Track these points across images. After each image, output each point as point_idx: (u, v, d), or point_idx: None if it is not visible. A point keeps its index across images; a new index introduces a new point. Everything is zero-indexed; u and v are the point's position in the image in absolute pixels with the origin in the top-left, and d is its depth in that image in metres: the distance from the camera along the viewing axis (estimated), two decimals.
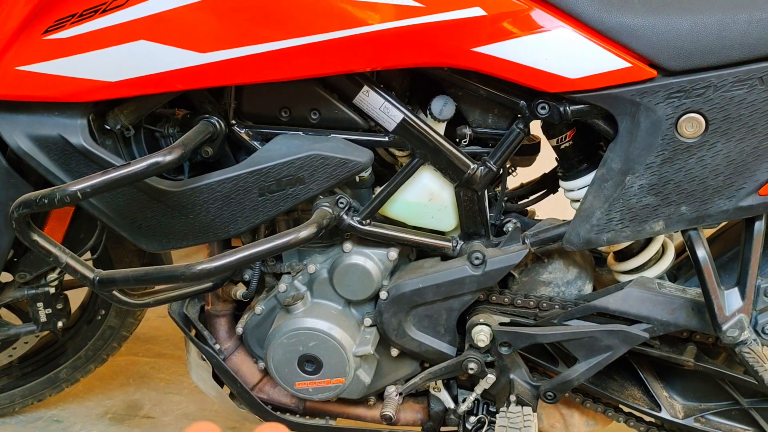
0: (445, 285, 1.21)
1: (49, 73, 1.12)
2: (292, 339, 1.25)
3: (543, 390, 1.25)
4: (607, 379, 1.29)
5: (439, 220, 1.25)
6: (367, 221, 1.23)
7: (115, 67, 1.10)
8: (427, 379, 1.30)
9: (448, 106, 1.18)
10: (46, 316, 1.58)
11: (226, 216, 1.19)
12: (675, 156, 1.07)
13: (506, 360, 1.25)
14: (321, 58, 1.07)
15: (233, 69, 1.08)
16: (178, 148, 1.09)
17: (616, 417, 1.30)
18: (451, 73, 1.14)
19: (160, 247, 1.24)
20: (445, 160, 1.19)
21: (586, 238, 1.15)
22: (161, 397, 1.97)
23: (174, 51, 1.07)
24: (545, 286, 1.26)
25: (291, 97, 1.19)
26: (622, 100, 1.06)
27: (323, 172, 1.16)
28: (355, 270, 1.26)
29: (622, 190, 1.11)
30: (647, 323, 1.17)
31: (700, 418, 1.27)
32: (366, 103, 1.17)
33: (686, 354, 1.22)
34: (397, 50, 1.06)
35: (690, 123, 1.06)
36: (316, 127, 1.20)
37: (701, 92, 1.04)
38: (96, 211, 1.22)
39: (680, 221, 1.11)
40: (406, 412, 1.40)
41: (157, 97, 1.17)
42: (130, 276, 1.13)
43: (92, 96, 1.13)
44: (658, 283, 1.20)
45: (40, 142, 1.17)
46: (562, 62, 1.05)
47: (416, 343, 1.27)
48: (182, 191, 1.18)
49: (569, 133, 1.21)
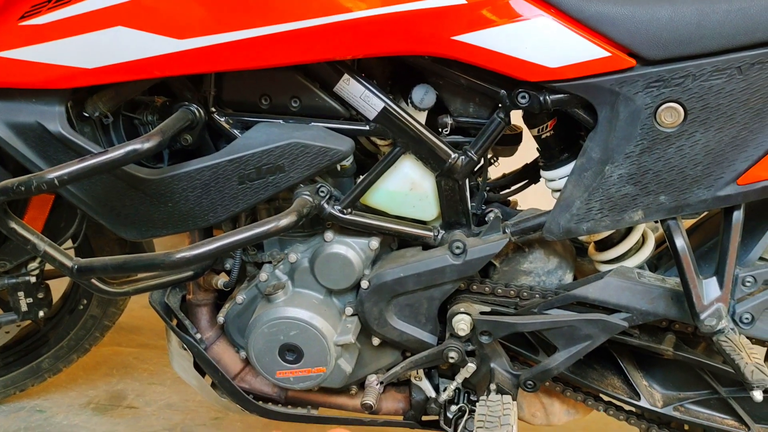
0: (426, 274, 1.21)
1: (26, 59, 1.10)
2: (273, 328, 1.25)
3: (523, 379, 1.25)
4: (587, 368, 1.29)
5: (421, 209, 1.25)
6: (349, 210, 1.23)
7: (92, 53, 1.08)
8: (408, 368, 1.30)
9: (429, 95, 1.17)
10: (27, 305, 1.57)
11: (205, 204, 1.19)
12: (654, 145, 1.08)
13: (486, 349, 1.25)
14: (301, 46, 1.07)
15: (212, 56, 1.07)
16: (156, 136, 1.08)
17: (596, 406, 1.31)
18: (431, 62, 1.14)
19: (140, 235, 1.24)
20: (426, 149, 1.19)
21: (566, 228, 1.15)
22: (144, 388, 1.97)
23: (152, 37, 1.06)
24: (526, 276, 1.26)
25: (271, 85, 1.19)
26: (602, 90, 1.06)
27: (303, 160, 1.16)
28: (337, 259, 1.25)
29: (602, 179, 1.11)
30: (626, 312, 1.17)
31: (679, 407, 1.28)
32: (346, 91, 1.16)
33: (665, 343, 1.22)
34: (378, 38, 1.06)
35: (669, 112, 1.06)
36: (297, 116, 1.19)
37: (680, 82, 1.04)
38: (74, 199, 1.21)
39: (659, 211, 1.12)
40: (388, 402, 1.40)
41: (135, 84, 1.16)
42: (108, 264, 1.12)
43: (70, 83, 1.12)
44: (638, 273, 1.20)
45: (17, 129, 1.16)
46: (541, 51, 1.05)
47: (397, 332, 1.27)
48: (161, 179, 1.17)
49: (550, 123, 1.21)
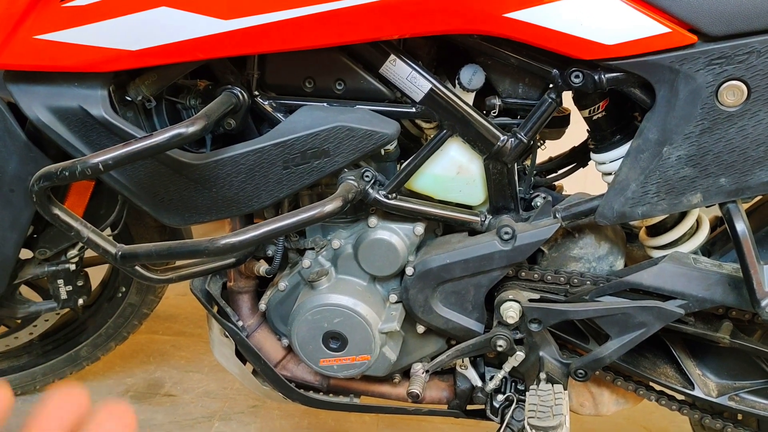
0: (474, 260, 1.18)
1: (68, 41, 1.08)
2: (316, 315, 1.23)
3: (573, 368, 1.22)
4: (638, 357, 1.26)
5: (467, 193, 1.22)
6: (393, 195, 1.20)
7: (135, 35, 1.06)
8: (455, 357, 1.27)
9: (477, 76, 1.14)
10: (67, 293, 1.57)
11: (249, 189, 1.17)
12: (715, 125, 1.03)
13: (536, 337, 1.22)
14: (347, 25, 1.04)
15: (257, 37, 1.04)
16: (201, 120, 1.06)
17: (648, 395, 1.27)
18: (480, 41, 1.10)
19: (183, 221, 1.22)
20: (474, 132, 1.15)
21: (620, 212, 1.11)
22: (182, 376, 1.97)
23: (196, 18, 1.04)
24: (576, 262, 1.23)
25: (315, 67, 1.16)
26: (661, 68, 1.02)
27: (349, 144, 1.13)
28: (381, 245, 1.23)
29: (659, 161, 1.07)
30: (682, 299, 1.13)
31: (734, 396, 1.24)
32: (392, 72, 1.13)
33: (722, 331, 1.18)
34: (427, 16, 1.02)
35: (731, 91, 1.01)
36: (341, 98, 1.17)
37: (743, 58, 0.99)
38: (117, 185, 1.19)
39: (719, 193, 1.07)
40: (432, 390, 1.37)
41: (178, 67, 1.14)
42: (152, 250, 1.10)
43: (112, 66, 1.10)
44: (693, 258, 1.16)
45: (59, 113, 1.14)
46: (598, 28, 1.01)
47: (443, 320, 1.24)
48: (205, 164, 1.15)
49: (602, 104, 1.16)
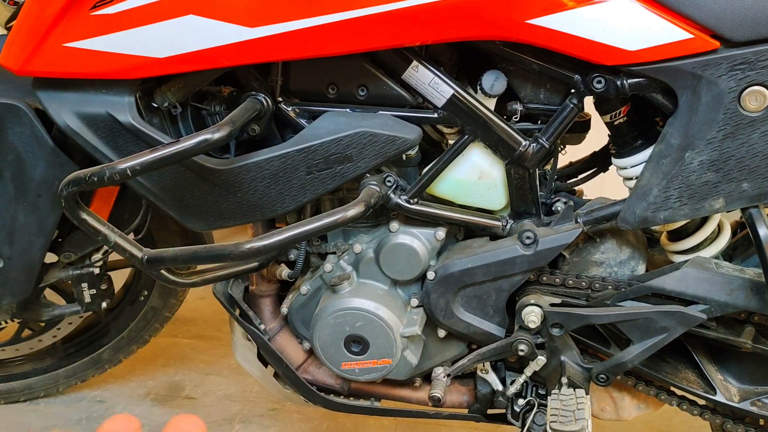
0: (495, 265, 1.19)
1: (96, 49, 1.10)
2: (338, 319, 1.24)
3: (595, 372, 1.22)
4: (659, 362, 1.26)
5: (489, 198, 1.23)
6: (415, 200, 1.21)
7: (163, 42, 1.08)
8: (476, 361, 1.27)
9: (499, 81, 1.15)
10: (91, 296, 1.58)
11: (273, 194, 1.18)
12: (737, 131, 1.04)
13: (557, 341, 1.22)
14: (370, 32, 1.05)
15: (282, 44, 1.06)
16: (226, 126, 1.07)
17: (669, 400, 1.27)
18: (502, 47, 1.11)
19: (207, 226, 1.23)
20: (496, 137, 1.16)
21: (643, 217, 1.11)
22: (202, 378, 1.98)
23: (223, 26, 1.05)
24: (597, 267, 1.23)
25: (338, 74, 1.17)
26: (683, 73, 1.03)
27: (371, 149, 1.14)
28: (402, 250, 1.24)
29: (682, 166, 1.07)
30: (704, 304, 1.13)
31: (756, 401, 1.23)
32: (415, 78, 1.15)
33: (744, 336, 1.18)
34: (450, 23, 1.03)
35: (754, 96, 1.02)
36: (364, 104, 1.18)
37: (766, 64, 1.00)
38: (143, 190, 1.21)
39: (741, 198, 1.08)
40: (452, 395, 1.38)
41: (204, 73, 1.16)
42: (178, 255, 1.12)
43: (140, 73, 1.12)
44: (716, 263, 1.16)
45: (87, 120, 1.16)
46: (620, 34, 1.01)
47: (464, 324, 1.25)
48: (230, 169, 1.16)
49: (623, 109, 1.17)
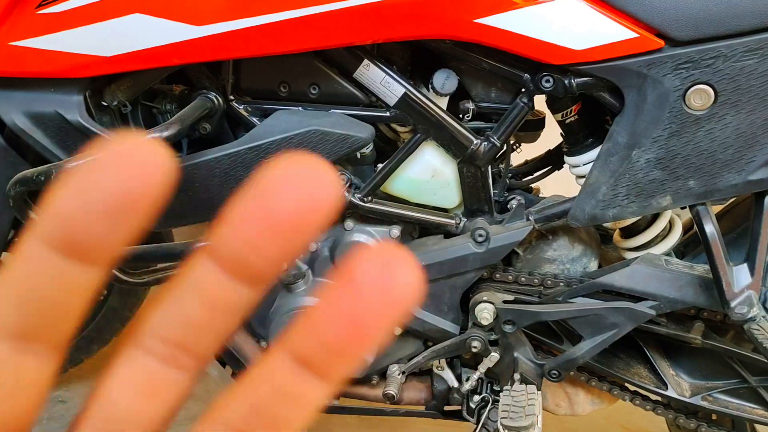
0: (449, 263, 1.19)
1: (43, 48, 1.09)
2: (293, 318, 1.24)
3: (547, 368, 1.23)
4: (612, 358, 1.27)
5: (442, 196, 1.23)
6: (369, 198, 1.21)
7: (110, 41, 1.07)
8: (431, 358, 1.28)
9: (450, 80, 1.15)
10: None
11: (225, 193, 1.17)
12: (683, 129, 1.05)
13: (510, 338, 1.23)
14: (320, 31, 1.05)
15: (230, 42, 1.05)
16: (175, 124, 1.07)
17: (622, 395, 1.28)
18: (453, 46, 1.12)
19: (158, 225, 1.23)
20: (448, 136, 1.16)
21: (592, 214, 1.13)
22: None
23: (169, 24, 1.04)
24: (550, 264, 1.24)
25: (290, 72, 1.17)
26: (629, 72, 1.04)
27: (323, 148, 1.14)
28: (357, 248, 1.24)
29: (629, 164, 1.08)
30: (654, 300, 1.15)
31: (707, 396, 1.25)
32: (366, 77, 1.15)
33: (693, 332, 1.20)
34: (399, 22, 1.04)
35: (698, 95, 1.03)
36: (316, 103, 1.18)
37: (710, 63, 1.01)
38: None
39: (688, 196, 1.09)
40: (410, 391, 1.38)
41: (153, 72, 1.15)
42: (126, 253, 1.11)
43: (88, 71, 1.11)
44: (665, 260, 1.17)
45: (36, 118, 1.15)
46: (567, 33, 1.02)
47: (419, 322, 1.25)
48: (180, 168, 1.16)
49: (574, 108, 1.18)
